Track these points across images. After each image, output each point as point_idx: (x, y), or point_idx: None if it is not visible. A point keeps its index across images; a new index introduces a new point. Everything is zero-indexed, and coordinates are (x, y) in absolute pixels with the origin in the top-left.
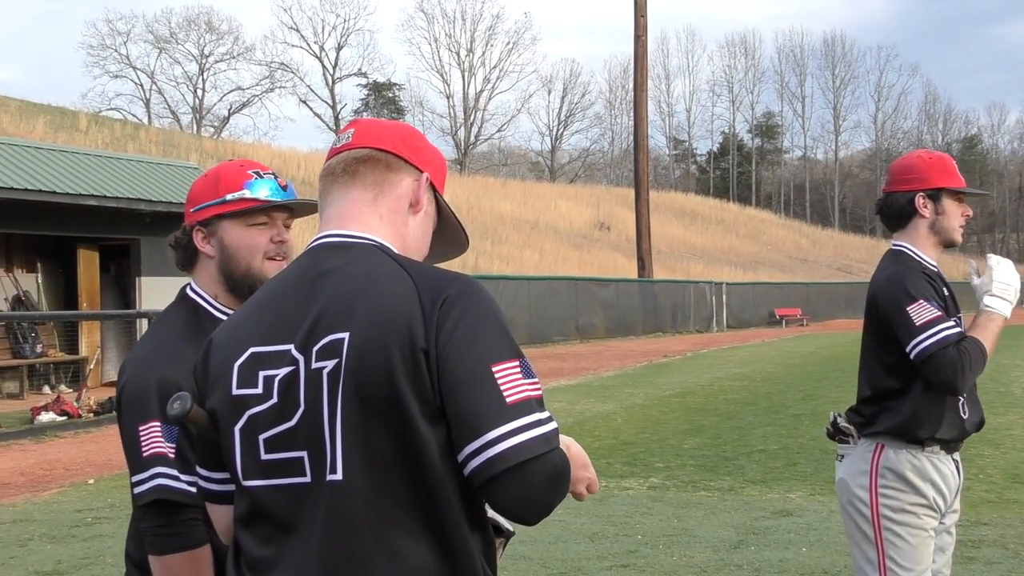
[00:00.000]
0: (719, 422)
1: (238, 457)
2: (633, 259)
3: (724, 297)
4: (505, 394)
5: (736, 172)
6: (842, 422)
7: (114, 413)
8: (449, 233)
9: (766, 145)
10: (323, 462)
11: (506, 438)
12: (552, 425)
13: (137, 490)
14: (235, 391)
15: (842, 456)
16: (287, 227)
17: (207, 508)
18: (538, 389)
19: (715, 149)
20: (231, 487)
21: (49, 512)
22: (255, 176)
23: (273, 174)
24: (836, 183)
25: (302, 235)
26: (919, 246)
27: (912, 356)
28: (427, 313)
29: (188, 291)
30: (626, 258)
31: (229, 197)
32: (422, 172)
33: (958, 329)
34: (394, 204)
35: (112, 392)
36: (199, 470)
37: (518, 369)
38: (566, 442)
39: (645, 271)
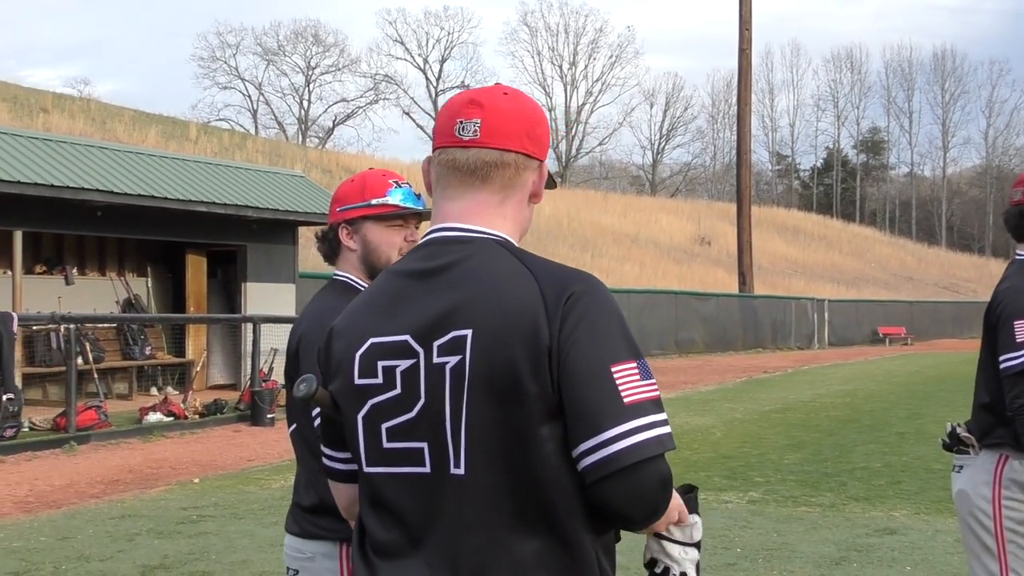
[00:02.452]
0: (820, 438)
1: (361, 444)
2: (734, 274)
3: (826, 314)
4: (623, 394)
5: (840, 188)
6: (962, 432)
7: (218, 415)
8: None
9: (871, 161)
10: (444, 455)
11: (622, 438)
12: (667, 428)
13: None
14: (357, 380)
15: (960, 467)
16: (417, 228)
17: (329, 485)
18: (656, 391)
19: (819, 164)
20: (352, 467)
21: (156, 509)
22: (395, 185)
23: (408, 183)
24: (944, 200)
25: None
26: None
27: (1000, 368)
28: (551, 311)
29: (336, 276)
30: (727, 273)
31: (374, 202)
32: (542, 161)
33: None
34: (518, 204)
35: (218, 395)
36: (323, 448)
37: (636, 370)
38: None
39: (746, 286)
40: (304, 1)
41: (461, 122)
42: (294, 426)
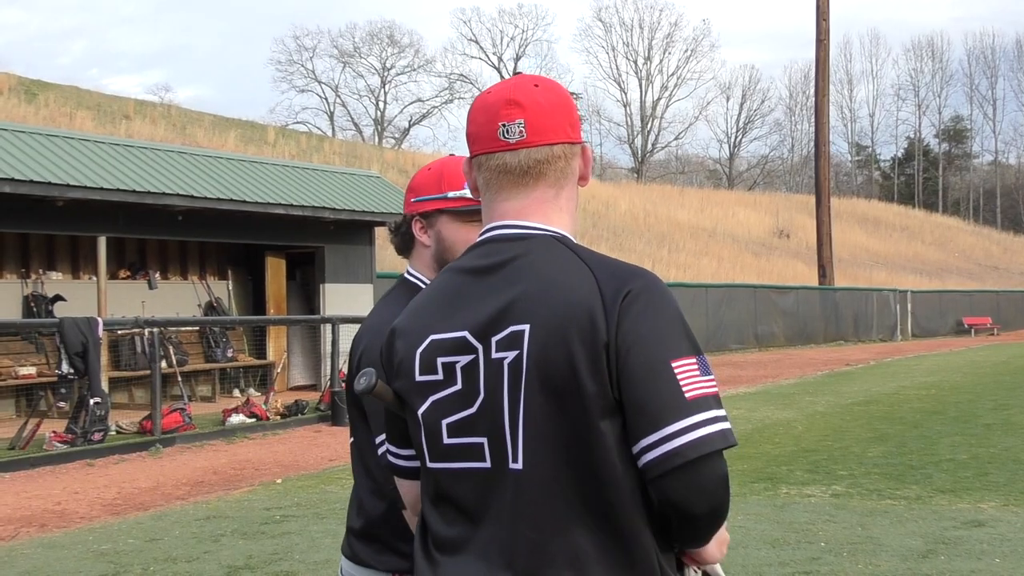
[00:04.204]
0: (904, 431)
1: (423, 440)
2: (813, 267)
3: (909, 305)
4: (685, 389)
5: (922, 178)
6: None
7: (299, 416)
8: None
9: (954, 150)
10: (503, 450)
11: (685, 432)
12: (728, 424)
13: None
14: (418, 377)
15: None
16: None
17: (395, 481)
18: (715, 386)
19: (900, 155)
20: (417, 463)
21: (240, 509)
22: None
23: None
24: None
25: None
26: None
27: None
28: (608, 307)
29: (407, 275)
30: (806, 266)
31: (451, 195)
32: (583, 143)
33: None
34: (571, 192)
35: (299, 396)
36: (388, 445)
37: (696, 365)
38: None
39: (826, 279)
40: (379, 3)
41: (504, 125)
42: (352, 439)
